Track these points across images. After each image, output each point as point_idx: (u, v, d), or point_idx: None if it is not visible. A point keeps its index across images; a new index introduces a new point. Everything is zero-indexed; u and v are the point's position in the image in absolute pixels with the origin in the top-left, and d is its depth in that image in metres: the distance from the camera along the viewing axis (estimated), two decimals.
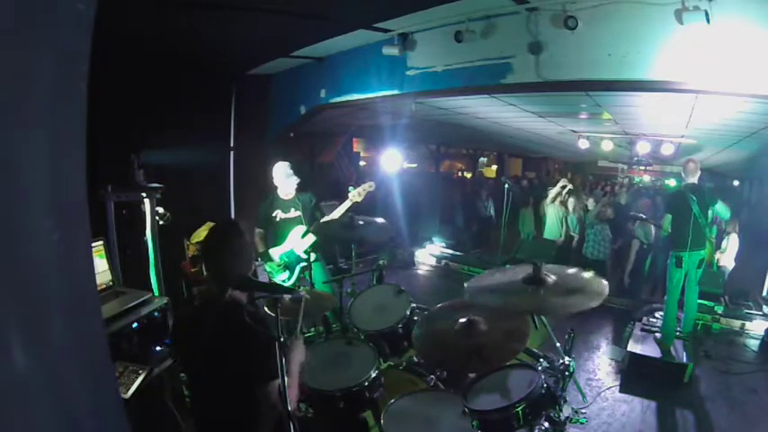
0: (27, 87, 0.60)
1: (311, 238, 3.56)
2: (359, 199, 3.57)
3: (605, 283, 1.83)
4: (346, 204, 3.56)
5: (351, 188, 3.62)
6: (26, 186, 0.61)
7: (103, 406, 0.74)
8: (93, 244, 2.65)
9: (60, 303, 0.66)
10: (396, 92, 4.12)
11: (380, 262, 3.05)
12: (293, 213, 3.72)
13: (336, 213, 3.55)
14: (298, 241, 3.66)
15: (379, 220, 3.10)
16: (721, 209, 4.38)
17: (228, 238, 1.61)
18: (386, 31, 3.77)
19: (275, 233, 3.72)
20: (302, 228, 3.65)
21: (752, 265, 6.02)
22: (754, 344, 4.69)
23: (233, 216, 5.26)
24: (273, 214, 3.70)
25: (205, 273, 1.66)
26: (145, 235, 3.46)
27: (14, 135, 0.59)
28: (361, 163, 10.23)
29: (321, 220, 3.57)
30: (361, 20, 3.59)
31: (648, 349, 4.10)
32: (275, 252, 3.69)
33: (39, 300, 0.63)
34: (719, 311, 5.11)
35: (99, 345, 0.75)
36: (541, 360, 2.01)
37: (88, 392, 0.71)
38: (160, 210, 3.53)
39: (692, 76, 2.78)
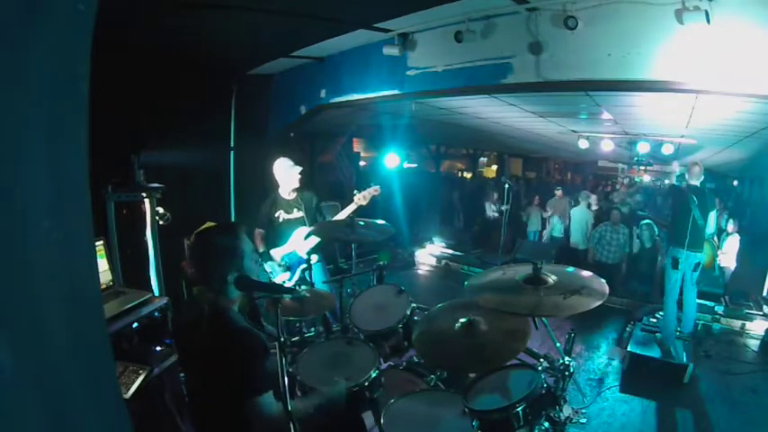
0: (28, 88, 0.60)
1: (315, 240, 3.55)
2: (364, 203, 3.57)
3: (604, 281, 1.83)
4: (351, 207, 3.55)
5: (356, 191, 3.63)
6: (29, 188, 0.61)
7: (103, 406, 0.74)
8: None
9: (62, 303, 0.66)
10: (396, 92, 4.12)
11: (380, 262, 3.05)
12: (296, 214, 3.70)
13: (341, 215, 3.55)
14: (301, 243, 3.65)
15: (380, 221, 3.10)
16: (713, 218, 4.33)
17: (209, 243, 1.59)
18: (386, 31, 3.76)
19: (277, 234, 3.71)
20: (305, 229, 3.64)
21: (752, 265, 6.02)
22: (754, 344, 4.70)
23: (233, 216, 5.26)
24: (276, 215, 3.68)
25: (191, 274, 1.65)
26: (145, 235, 3.46)
27: (16, 136, 0.59)
28: (361, 163, 10.20)
29: (325, 221, 3.57)
30: (361, 20, 3.59)
31: (648, 349, 4.10)
32: (277, 253, 3.68)
33: (41, 300, 0.63)
34: (719, 311, 5.11)
35: (100, 345, 0.75)
36: (541, 360, 2.00)
37: (89, 392, 0.71)
38: (160, 210, 3.52)
39: (692, 76, 2.78)
